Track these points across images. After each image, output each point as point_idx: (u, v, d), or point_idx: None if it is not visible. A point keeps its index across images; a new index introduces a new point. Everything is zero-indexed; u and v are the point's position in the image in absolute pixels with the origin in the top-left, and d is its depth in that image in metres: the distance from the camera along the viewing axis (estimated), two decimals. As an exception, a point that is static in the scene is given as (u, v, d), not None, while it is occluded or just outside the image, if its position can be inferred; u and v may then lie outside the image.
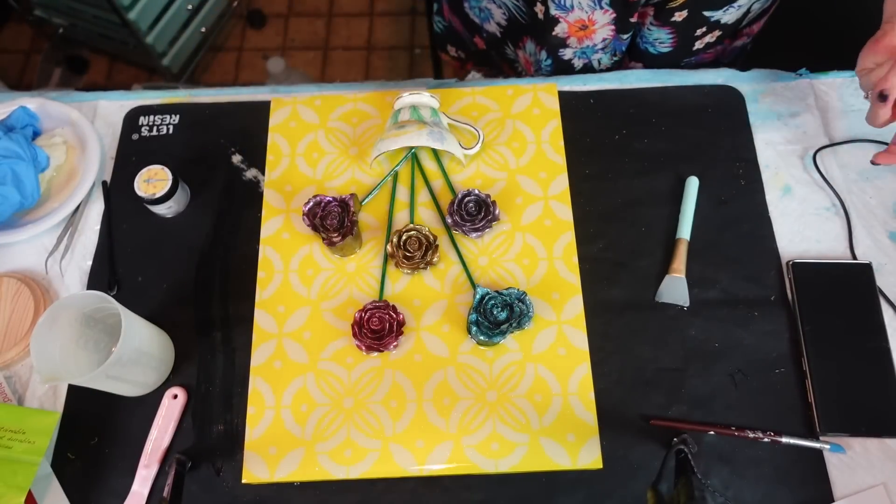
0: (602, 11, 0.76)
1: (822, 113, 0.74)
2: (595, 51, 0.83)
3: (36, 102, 0.76)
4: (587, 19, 0.77)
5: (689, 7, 0.76)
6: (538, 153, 0.72)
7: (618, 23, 0.78)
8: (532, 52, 0.87)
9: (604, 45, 0.82)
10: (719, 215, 0.69)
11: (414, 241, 0.65)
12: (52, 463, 0.61)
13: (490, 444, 0.60)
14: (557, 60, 0.85)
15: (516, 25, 0.86)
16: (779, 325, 0.64)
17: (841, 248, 0.68)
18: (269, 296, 0.66)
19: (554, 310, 0.65)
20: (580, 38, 0.80)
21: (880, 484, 0.59)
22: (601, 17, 0.77)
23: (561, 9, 0.77)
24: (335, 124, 0.74)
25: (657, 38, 0.81)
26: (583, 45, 0.82)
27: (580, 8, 0.76)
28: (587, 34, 0.80)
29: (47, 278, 0.69)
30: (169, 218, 0.71)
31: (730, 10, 0.77)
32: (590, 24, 0.78)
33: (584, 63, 0.85)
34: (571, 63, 0.85)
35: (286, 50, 1.87)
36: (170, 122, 0.76)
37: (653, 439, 0.61)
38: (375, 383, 0.62)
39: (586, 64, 0.85)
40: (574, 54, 0.83)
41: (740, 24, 0.81)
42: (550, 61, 0.85)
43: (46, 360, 0.55)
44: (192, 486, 0.60)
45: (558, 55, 0.84)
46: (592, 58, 0.84)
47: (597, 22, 0.78)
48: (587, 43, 0.81)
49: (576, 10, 0.76)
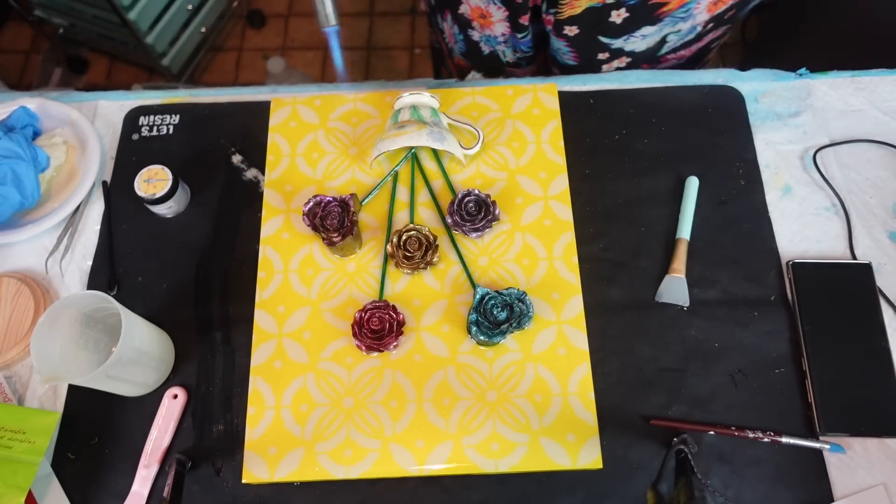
0: (496, 7, 0.79)
1: (822, 113, 0.74)
2: (498, 42, 0.86)
3: (36, 102, 0.76)
4: (485, 10, 0.80)
5: (580, 25, 0.76)
6: (538, 153, 0.72)
7: (511, 21, 0.80)
8: (451, 23, 0.89)
9: (504, 40, 0.85)
10: (719, 215, 0.69)
11: (414, 241, 0.65)
12: (52, 463, 0.61)
13: (490, 444, 0.60)
14: (468, 39, 0.88)
15: None
16: (779, 325, 0.64)
17: (841, 248, 0.68)
18: (269, 296, 0.66)
19: (554, 310, 0.65)
20: (482, 24, 0.84)
21: (880, 484, 0.59)
22: (496, 11, 0.80)
23: None
24: (335, 124, 0.74)
25: (559, 48, 0.82)
26: (485, 32, 0.85)
27: None
28: (487, 23, 0.83)
29: (47, 278, 0.69)
30: (169, 218, 0.71)
31: (632, 39, 0.76)
32: (487, 15, 0.81)
33: (490, 50, 0.88)
34: (479, 46, 0.88)
35: (286, 50, 1.87)
36: (170, 122, 0.76)
37: (653, 439, 0.61)
38: (375, 383, 0.62)
39: (492, 52, 0.88)
40: (480, 38, 0.86)
41: (659, 52, 0.80)
42: (462, 37, 0.88)
43: (46, 360, 0.55)
44: (192, 486, 0.60)
45: (468, 34, 0.87)
46: (497, 48, 0.87)
47: (493, 15, 0.80)
48: (488, 32, 0.84)
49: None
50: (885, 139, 0.72)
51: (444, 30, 0.92)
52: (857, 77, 0.76)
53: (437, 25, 0.94)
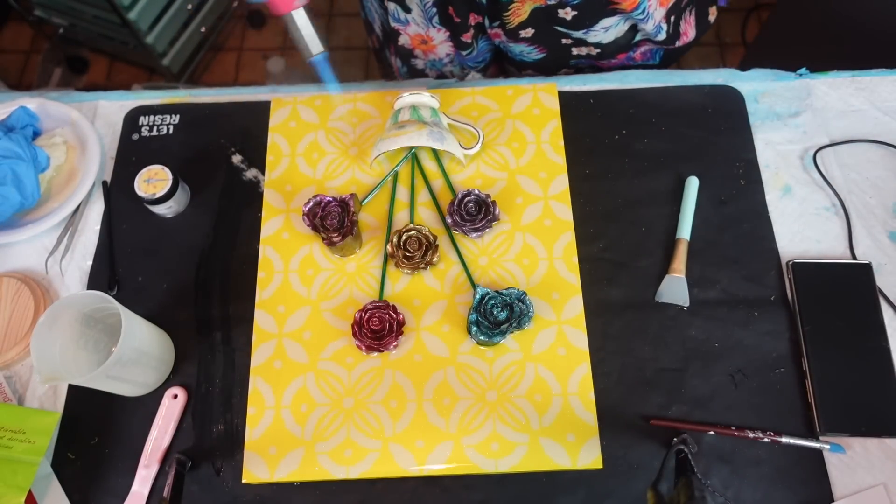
0: (436, 30, 0.78)
1: (822, 113, 0.74)
2: (443, 64, 0.85)
3: (36, 102, 0.76)
4: (425, 34, 0.79)
5: (532, 25, 0.74)
6: (538, 153, 0.72)
7: (453, 40, 0.79)
8: (395, 58, 0.89)
9: (450, 60, 0.84)
10: (719, 215, 0.69)
11: (414, 241, 0.65)
12: (52, 463, 0.61)
13: (490, 444, 0.60)
14: (412, 70, 0.88)
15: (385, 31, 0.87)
16: (779, 325, 0.64)
17: (841, 248, 0.68)
18: (269, 296, 0.66)
19: (554, 310, 0.65)
20: (424, 50, 0.83)
21: (880, 484, 0.59)
22: (436, 34, 0.79)
23: (398, 22, 0.79)
24: (335, 124, 0.74)
25: (521, 51, 0.80)
26: (428, 57, 0.84)
27: (416, 23, 0.78)
28: (429, 48, 0.82)
29: (47, 278, 0.69)
30: (169, 218, 0.71)
31: (592, 32, 0.74)
32: (428, 40, 0.80)
33: (437, 73, 0.87)
34: (425, 72, 0.87)
35: (286, 50, 1.87)
36: (170, 122, 0.76)
37: (653, 439, 0.61)
38: (375, 383, 0.62)
39: (440, 74, 0.87)
40: (425, 65, 0.86)
41: (633, 40, 0.77)
42: (406, 69, 0.88)
43: (46, 360, 0.55)
44: (192, 486, 0.60)
45: (412, 65, 0.87)
46: (444, 69, 0.86)
47: (434, 38, 0.80)
48: (432, 56, 0.84)
49: (412, 24, 0.79)
50: (885, 139, 0.72)
51: (392, 64, 0.91)
52: (857, 77, 0.76)
53: (386, 60, 0.93)
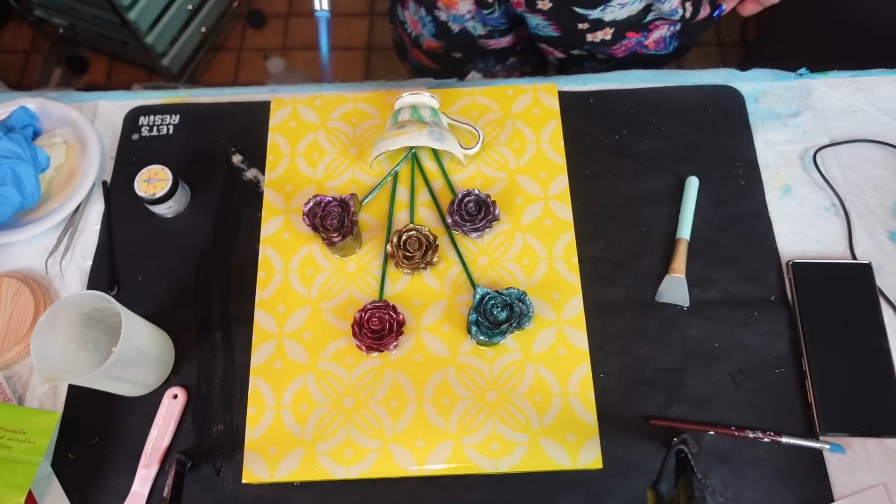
0: None
1: (822, 113, 0.74)
2: (465, 20, 0.85)
3: (36, 102, 0.76)
4: None
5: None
6: (538, 153, 0.72)
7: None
8: (415, 10, 0.89)
9: (471, 16, 0.84)
10: (719, 215, 0.69)
11: (414, 241, 0.65)
12: (52, 463, 0.61)
13: (490, 444, 0.60)
14: (436, 20, 0.88)
15: None
16: (779, 325, 0.64)
17: (841, 248, 0.68)
18: (269, 296, 0.66)
19: (554, 310, 0.65)
20: (447, 5, 0.84)
21: (880, 484, 0.59)
22: None
23: None
24: (335, 124, 0.74)
25: (537, 24, 0.80)
26: (451, 12, 0.85)
27: None
28: (451, 3, 0.83)
29: (47, 278, 0.69)
30: (169, 218, 0.71)
31: (609, 8, 0.73)
32: None
33: (459, 27, 0.87)
34: (448, 26, 0.87)
35: (286, 50, 1.87)
36: (170, 122, 0.76)
37: (653, 439, 0.61)
38: (375, 383, 0.62)
39: (462, 28, 0.87)
40: (448, 18, 0.86)
41: (644, 19, 0.77)
42: (430, 18, 0.88)
43: (46, 360, 0.55)
44: (192, 486, 0.60)
45: (435, 15, 0.87)
46: (466, 24, 0.87)
47: None
48: (454, 11, 0.84)
49: None
50: (885, 139, 0.72)
51: (407, 19, 0.92)
52: (857, 77, 0.76)
53: (398, 18, 0.94)
